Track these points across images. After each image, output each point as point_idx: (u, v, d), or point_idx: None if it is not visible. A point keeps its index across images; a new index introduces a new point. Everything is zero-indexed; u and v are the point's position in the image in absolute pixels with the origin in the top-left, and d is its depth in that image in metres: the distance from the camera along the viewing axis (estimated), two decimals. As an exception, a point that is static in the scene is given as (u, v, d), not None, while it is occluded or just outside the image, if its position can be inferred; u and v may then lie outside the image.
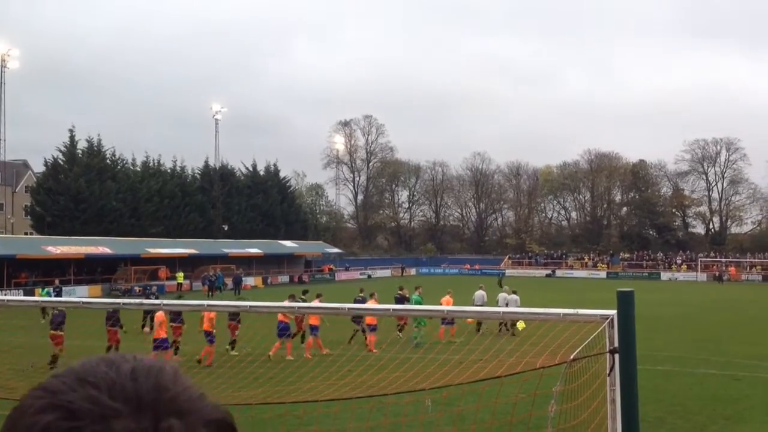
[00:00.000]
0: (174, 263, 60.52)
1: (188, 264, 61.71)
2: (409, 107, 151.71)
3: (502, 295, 28.52)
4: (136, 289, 50.93)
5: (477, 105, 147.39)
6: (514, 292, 28.39)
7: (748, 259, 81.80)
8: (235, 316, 20.92)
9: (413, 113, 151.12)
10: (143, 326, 27.08)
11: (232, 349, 21.51)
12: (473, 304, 27.96)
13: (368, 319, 21.72)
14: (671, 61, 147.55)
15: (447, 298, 26.29)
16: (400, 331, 24.45)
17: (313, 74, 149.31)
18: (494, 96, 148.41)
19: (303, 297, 23.69)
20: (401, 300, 27.03)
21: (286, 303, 18.13)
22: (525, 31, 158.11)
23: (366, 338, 22.98)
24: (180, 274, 59.07)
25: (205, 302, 8.89)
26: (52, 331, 19.33)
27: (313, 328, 21.75)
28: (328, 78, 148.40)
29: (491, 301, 28.94)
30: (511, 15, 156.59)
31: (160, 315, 19.17)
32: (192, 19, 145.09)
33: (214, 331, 20.39)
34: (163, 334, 19.39)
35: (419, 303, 26.04)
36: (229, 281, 57.44)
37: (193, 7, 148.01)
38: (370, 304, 22.85)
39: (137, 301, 15.00)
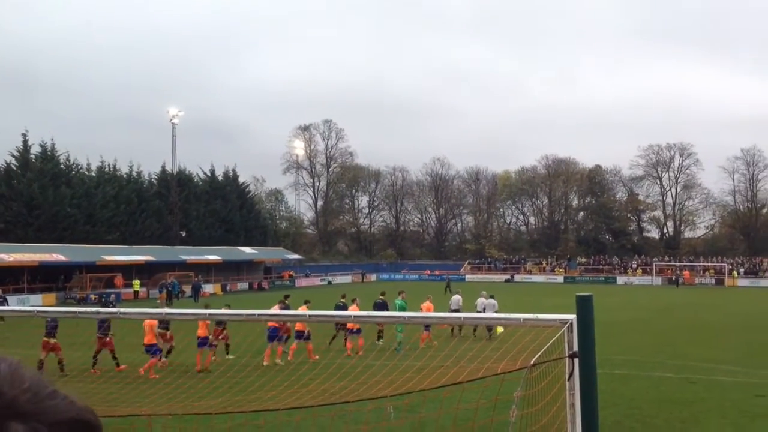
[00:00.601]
0: (130, 271, 59.56)
1: (145, 271, 60.72)
2: (369, 112, 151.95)
3: (480, 300, 28.97)
4: (92, 297, 49.99)
5: (437, 110, 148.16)
6: (492, 297, 28.90)
7: (701, 263, 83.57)
8: (220, 322, 20.83)
9: (373, 118, 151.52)
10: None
11: (227, 353, 21.70)
12: (450, 309, 28.50)
13: (350, 324, 21.61)
14: (625, 67, 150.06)
15: (427, 303, 26.61)
16: (379, 339, 24.50)
17: (271, 78, 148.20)
18: (454, 101, 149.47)
19: (287, 302, 23.53)
20: (382, 306, 27.06)
21: (274, 310, 18.13)
22: (485, 38, 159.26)
23: (346, 342, 23.04)
24: (136, 282, 58.18)
25: (207, 311, 8.72)
26: (45, 338, 19.24)
27: (299, 334, 21.61)
28: (287, 82, 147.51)
29: (470, 305, 29.49)
30: (471, 22, 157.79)
31: (149, 321, 19.04)
32: (147, 21, 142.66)
33: (211, 337, 20.51)
34: (152, 340, 19.49)
35: (403, 308, 26.32)
36: (188, 289, 56.75)
37: (147, 10, 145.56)
38: (353, 310, 23.05)
39: (93, 309, 14.75)
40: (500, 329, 25.24)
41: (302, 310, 20.62)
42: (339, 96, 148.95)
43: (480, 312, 26.65)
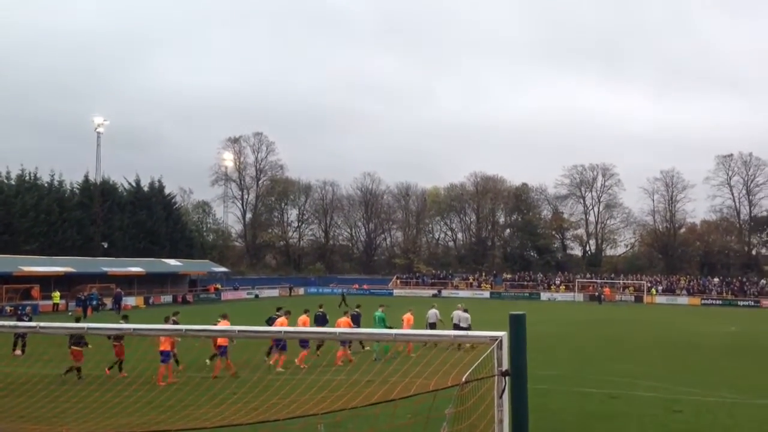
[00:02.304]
0: (49, 282, 57.51)
1: (65, 283, 58.70)
2: (298, 126, 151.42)
3: (455, 313, 29.41)
4: (8, 309, 48.08)
5: (364, 125, 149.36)
6: (466, 310, 29.42)
7: (621, 281, 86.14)
8: (119, 338, 20.32)
9: (303, 132, 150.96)
10: (14, 349, 25.65)
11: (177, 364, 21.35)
12: (427, 322, 29.20)
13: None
14: (540, 87, 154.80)
15: (408, 315, 27.36)
16: (318, 347, 24.43)
17: (203, 90, 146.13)
18: (379, 117, 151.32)
19: (175, 318, 23.20)
20: (322, 318, 26.91)
21: (220, 326, 17.94)
22: (404, 54, 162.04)
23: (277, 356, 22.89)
24: (56, 294, 56.22)
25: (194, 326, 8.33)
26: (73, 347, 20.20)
27: (221, 350, 21.17)
28: (218, 94, 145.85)
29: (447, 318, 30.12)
30: (392, 40, 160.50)
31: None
32: (69, 28, 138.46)
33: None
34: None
35: (383, 320, 27.02)
36: (109, 300, 55.24)
37: (63, 16, 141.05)
38: (281, 324, 22.87)
39: (11, 323, 14.14)
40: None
41: (221, 325, 20.50)
42: (268, 110, 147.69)
43: (456, 324, 28.17)
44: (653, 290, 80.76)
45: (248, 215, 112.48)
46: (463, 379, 5.88)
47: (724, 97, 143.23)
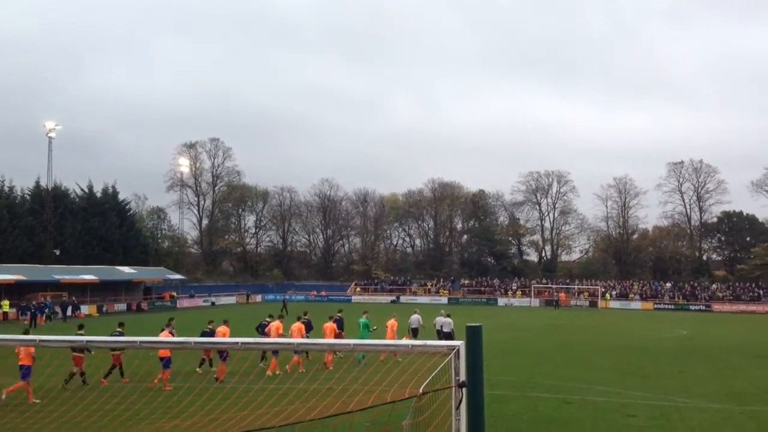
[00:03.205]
0: (-1, 290, 56.15)
1: (15, 291, 57.29)
2: (255, 133, 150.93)
3: (438, 319, 30.88)
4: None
5: (321, 133, 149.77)
6: (448, 315, 30.77)
7: (576, 286, 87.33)
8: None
9: (259, 139, 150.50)
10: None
11: (66, 383, 20.32)
12: (409, 327, 30.20)
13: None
14: (492, 97, 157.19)
15: (392, 321, 28.25)
16: (200, 366, 23.92)
17: (155, 93, 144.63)
18: (335, 125, 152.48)
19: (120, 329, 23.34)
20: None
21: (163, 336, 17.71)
22: (357, 65, 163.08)
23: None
24: (5, 303, 54.89)
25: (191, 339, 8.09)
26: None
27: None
28: (173, 98, 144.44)
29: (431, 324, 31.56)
30: (345, 51, 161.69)
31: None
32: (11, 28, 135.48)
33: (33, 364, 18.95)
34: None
35: (367, 326, 27.66)
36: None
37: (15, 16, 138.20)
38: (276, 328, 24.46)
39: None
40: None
41: (164, 336, 20.44)
42: (224, 115, 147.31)
43: (438, 329, 29.83)
44: (607, 295, 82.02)
45: (204, 221, 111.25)
46: (420, 390, 5.90)
47: (670, 104, 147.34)
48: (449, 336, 30.18)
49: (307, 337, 25.51)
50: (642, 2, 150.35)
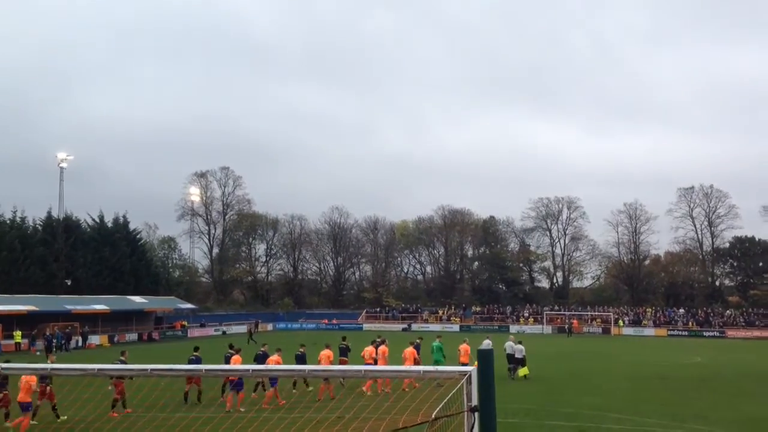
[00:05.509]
0: (11, 321, 56.19)
1: (27, 322, 57.35)
2: (262, 162, 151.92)
3: (508, 344, 32.29)
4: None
5: (328, 162, 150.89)
6: (520, 342, 32.14)
7: (589, 312, 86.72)
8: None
9: (269, 168, 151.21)
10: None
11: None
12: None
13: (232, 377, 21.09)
14: (479, 121, 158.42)
15: (465, 345, 29.12)
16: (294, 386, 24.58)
17: (168, 122, 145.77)
18: (331, 150, 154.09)
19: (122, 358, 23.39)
20: (302, 358, 26.50)
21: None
22: (337, 88, 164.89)
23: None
24: (18, 333, 54.95)
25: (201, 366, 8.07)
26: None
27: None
28: (182, 128, 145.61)
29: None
30: (327, 73, 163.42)
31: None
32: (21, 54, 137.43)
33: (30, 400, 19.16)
34: (27, 398, 18.75)
35: (440, 349, 28.78)
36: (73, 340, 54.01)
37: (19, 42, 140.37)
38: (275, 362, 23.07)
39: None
40: (526, 371, 30.42)
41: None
42: (231, 144, 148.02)
43: (509, 354, 31.41)
44: (620, 322, 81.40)
45: (215, 250, 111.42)
46: (433, 416, 5.84)
47: (663, 127, 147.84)
48: (521, 362, 31.13)
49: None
50: (623, 26, 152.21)
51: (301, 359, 26.21)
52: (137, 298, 76.08)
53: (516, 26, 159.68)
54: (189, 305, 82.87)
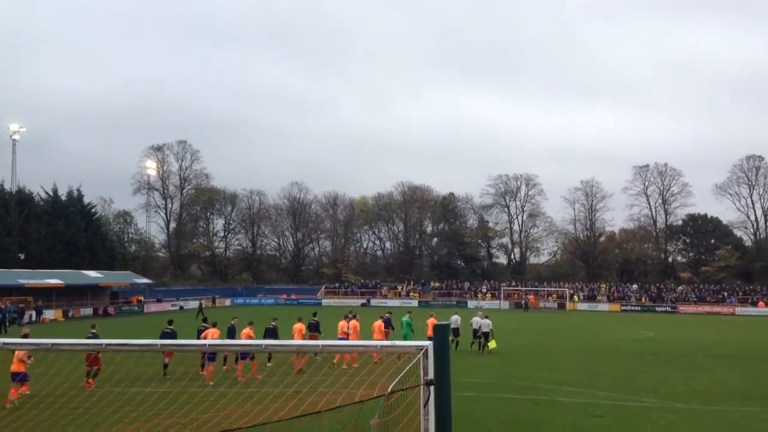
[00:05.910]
0: (-40, 295, 55.00)
1: (-22, 296, 56.21)
2: (221, 137, 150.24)
3: (475, 319, 32.71)
4: None
5: (279, 134, 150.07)
6: (486, 317, 32.64)
7: (545, 288, 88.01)
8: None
9: (227, 143, 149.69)
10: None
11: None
12: (450, 327, 30.31)
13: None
14: (439, 98, 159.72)
15: (432, 320, 29.27)
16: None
17: (124, 95, 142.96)
18: (300, 130, 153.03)
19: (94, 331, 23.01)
20: (273, 332, 26.43)
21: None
22: (298, 63, 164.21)
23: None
24: (-33, 308, 53.69)
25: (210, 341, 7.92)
26: None
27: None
28: (140, 101, 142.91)
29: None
30: (287, 48, 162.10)
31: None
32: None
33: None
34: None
35: (410, 325, 29.20)
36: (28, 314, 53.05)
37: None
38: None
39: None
40: (494, 344, 30.99)
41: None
42: (191, 117, 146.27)
43: (475, 329, 31.97)
44: (575, 297, 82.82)
45: (172, 225, 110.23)
46: (389, 389, 5.87)
47: (622, 107, 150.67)
48: (487, 336, 31.62)
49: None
50: (584, 5, 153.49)
51: (272, 333, 26.18)
52: (92, 273, 74.87)
53: (477, 4, 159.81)
54: (145, 280, 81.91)
